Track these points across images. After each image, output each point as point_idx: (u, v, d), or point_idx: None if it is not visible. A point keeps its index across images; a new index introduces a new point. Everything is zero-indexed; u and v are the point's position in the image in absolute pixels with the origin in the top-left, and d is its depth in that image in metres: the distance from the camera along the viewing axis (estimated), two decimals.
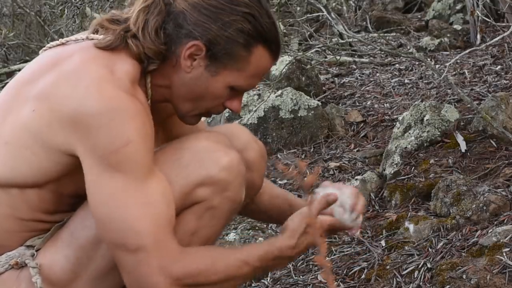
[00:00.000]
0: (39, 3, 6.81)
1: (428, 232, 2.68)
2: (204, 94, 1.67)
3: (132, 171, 1.53)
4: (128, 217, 1.53)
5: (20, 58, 6.73)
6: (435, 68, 3.72)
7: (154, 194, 1.56)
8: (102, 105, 1.53)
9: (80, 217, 1.65)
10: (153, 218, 1.54)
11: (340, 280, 2.58)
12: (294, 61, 4.31)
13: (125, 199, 1.53)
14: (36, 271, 1.63)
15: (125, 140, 1.52)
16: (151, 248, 1.53)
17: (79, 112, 1.54)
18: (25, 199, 1.63)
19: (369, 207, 3.06)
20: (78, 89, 1.56)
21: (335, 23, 4.42)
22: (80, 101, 1.54)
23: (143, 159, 1.55)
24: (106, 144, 1.53)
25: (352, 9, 7.30)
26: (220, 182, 1.64)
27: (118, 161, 1.53)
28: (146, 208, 1.54)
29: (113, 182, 1.53)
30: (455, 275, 2.35)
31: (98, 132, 1.53)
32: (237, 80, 1.67)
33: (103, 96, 1.54)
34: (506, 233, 2.46)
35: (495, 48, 4.63)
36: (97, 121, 1.53)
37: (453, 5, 6.13)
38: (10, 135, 1.62)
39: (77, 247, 1.64)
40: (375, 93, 4.37)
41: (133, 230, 1.53)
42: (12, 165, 1.61)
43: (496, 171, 2.93)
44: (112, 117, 1.53)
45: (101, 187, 1.54)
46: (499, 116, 3.16)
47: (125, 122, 1.53)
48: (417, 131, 3.28)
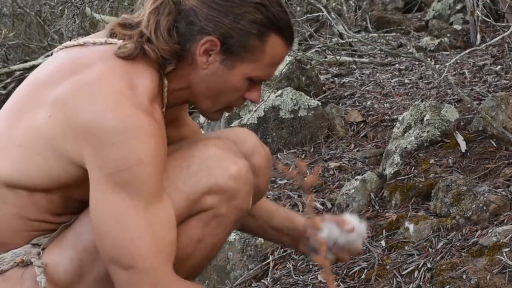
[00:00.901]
0: (39, 3, 6.81)
1: (428, 232, 2.68)
2: (223, 89, 1.67)
3: (138, 192, 1.53)
4: (126, 237, 1.53)
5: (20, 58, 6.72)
6: (435, 68, 3.72)
7: (157, 218, 1.55)
8: (118, 121, 1.52)
9: (86, 220, 1.65)
10: (151, 242, 1.54)
11: (340, 280, 2.58)
12: (294, 61, 4.31)
13: (126, 220, 1.53)
14: (41, 271, 1.63)
15: (136, 160, 1.52)
16: (144, 271, 1.53)
17: (94, 125, 1.53)
18: (32, 201, 1.63)
19: (369, 207, 3.06)
20: (96, 101, 1.55)
21: (335, 23, 4.42)
22: (96, 113, 1.53)
23: (152, 182, 1.54)
24: (117, 162, 1.52)
25: (352, 9, 7.30)
26: (228, 191, 1.64)
27: (126, 180, 1.52)
28: (145, 231, 1.53)
29: (117, 201, 1.53)
30: (455, 275, 2.35)
31: (110, 148, 1.52)
32: (254, 71, 1.66)
33: (120, 112, 1.53)
34: (506, 233, 2.46)
35: (495, 48, 4.63)
36: (110, 137, 1.52)
37: (453, 5, 6.13)
38: (23, 138, 1.62)
39: (81, 249, 1.64)
40: (375, 93, 4.38)
41: (129, 251, 1.53)
42: (22, 168, 1.61)
43: (496, 171, 2.93)
44: (126, 135, 1.52)
45: (104, 204, 1.54)
46: (499, 116, 3.16)
47: (138, 142, 1.52)
48: (417, 131, 3.28)
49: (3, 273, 1.66)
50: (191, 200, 1.63)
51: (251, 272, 2.77)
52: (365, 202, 3.08)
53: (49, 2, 6.68)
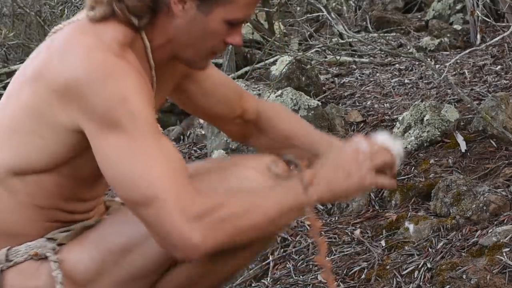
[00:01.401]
0: (39, 3, 6.81)
1: (428, 232, 2.68)
2: (203, 35, 1.66)
3: (132, 125, 1.52)
4: (137, 170, 1.51)
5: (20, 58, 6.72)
6: (435, 68, 3.72)
7: (158, 147, 1.54)
8: (92, 70, 1.53)
9: (114, 222, 1.65)
10: (163, 165, 1.51)
11: (340, 280, 2.58)
12: (294, 61, 4.31)
13: (131, 154, 1.52)
14: (57, 266, 1.62)
15: (120, 97, 1.52)
16: (166, 194, 1.49)
17: (71, 81, 1.54)
18: (41, 186, 1.63)
19: (369, 207, 3.06)
20: (67, 59, 1.56)
21: (335, 23, 4.42)
22: (71, 71, 1.54)
23: (142, 113, 1.54)
24: (103, 105, 1.52)
25: (352, 9, 7.31)
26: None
27: (117, 118, 1.51)
28: (154, 158, 1.51)
29: (116, 140, 1.52)
30: (455, 275, 2.35)
31: (93, 97, 1.52)
32: (231, 13, 1.65)
33: (92, 62, 1.53)
34: (506, 233, 2.46)
35: (495, 48, 4.63)
36: (90, 87, 1.52)
37: (453, 5, 6.13)
38: (16, 122, 1.62)
39: (105, 250, 1.63)
40: (375, 93, 4.38)
41: (145, 182, 1.50)
42: (22, 152, 1.61)
43: (496, 171, 2.93)
44: (103, 79, 1.52)
45: (107, 148, 1.53)
46: (499, 116, 3.16)
47: (117, 81, 1.52)
48: (417, 131, 3.28)
49: (17, 265, 1.65)
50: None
51: (251, 272, 2.77)
52: (365, 202, 3.08)
53: (49, 2, 6.68)
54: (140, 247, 1.63)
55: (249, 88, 4.17)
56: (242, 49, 5.76)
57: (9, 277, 1.65)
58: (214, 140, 4.09)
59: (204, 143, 4.34)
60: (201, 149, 4.34)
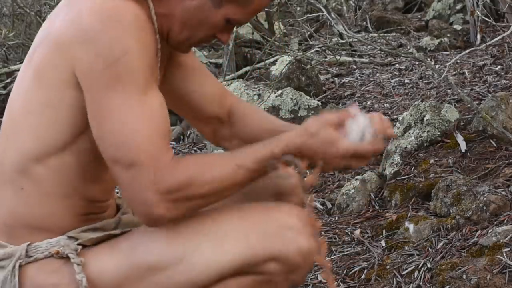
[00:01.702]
0: (39, 3, 6.81)
1: (428, 232, 2.68)
2: (203, 23, 1.67)
3: (130, 83, 1.51)
4: (124, 132, 1.51)
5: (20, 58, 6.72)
6: (435, 68, 3.72)
7: (151, 108, 1.53)
8: (97, 17, 1.51)
9: (146, 237, 1.64)
10: (148, 133, 1.52)
11: (340, 280, 2.58)
12: (294, 61, 4.32)
13: (122, 114, 1.51)
14: (81, 269, 1.61)
15: (122, 50, 1.50)
16: (142, 163, 1.50)
17: (77, 32, 1.52)
18: (63, 170, 1.62)
19: (369, 207, 3.06)
20: (73, 13, 1.55)
21: (335, 23, 4.42)
22: (75, 21, 1.53)
23: (142, 70, 1.53)
24: (103, 58, 1.50)
25: (352, 9, 7.31)
26: (293, 265, 1.63)
27: (116, 74, 1.50)
28: (141, 123, 1.51)
29: (112, 96, 1.51)
30: (455, 275, 2.36)
31: (94, 47, 1.51)
32: (237, 14, 1.67)
33: (97, 9, 1.52)
34: (506, 233, 2.46)
35: (495, 48, 4.63)
36: (93, 35, 1.51)
37: (453, 5, 6.14)
38: (28, 100, 1.62)
39: (133, 264, 1.62)
40: (375, 93, 4.38)
41: (127, 145, 1.51)
42: (40, 132, 1.61)
43: (496, 171, 2.93)
44: (107, 27, 1.50)
45: (100, 102, 1.52)
46: (499, 116, 3.16)
47: (121, 31, 1.50)
48: (417, 131, 3.28)
49: (37, 261, 1.64)
50: (256, 259, 1.62)
51: None
52: (365, 202, 3.08)
53: (49, 2, 6.68)
54: (168, 270, 1.62)
55: (249, 88, 4.17)
56: (242, 49, 5.76)
57: (29, 273, 1.64)
58: None
59: (204, 143, 4.34)
60: (201, 149, 4.34)
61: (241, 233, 1.62)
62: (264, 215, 1.66)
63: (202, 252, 1.61)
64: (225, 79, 5.14)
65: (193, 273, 1.61)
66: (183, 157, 1.58)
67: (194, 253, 1.61)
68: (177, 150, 4.40)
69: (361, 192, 3.10)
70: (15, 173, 1.64)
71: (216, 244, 1.61)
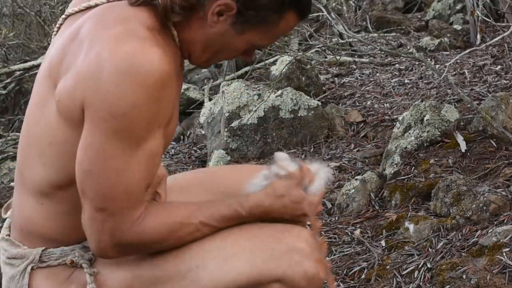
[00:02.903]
0: (39, 3, 6.81)
1: (428, 232, 2.68)
2: (224, 49, 1.67)
3: (129, 137, 1.50)
4: (105, 179, 1.51)
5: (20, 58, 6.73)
6: (435, 68, 3.72)
7: (141, 161, 1.52)
8: (113, 63, 1.48)
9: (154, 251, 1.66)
10: (127, 187, 1.52)
11: (340, 280, 2.58)
12: (294, 61, 4.31)
13: (109, 162, 1.51)
14: (93, 279, 1.63)
15: (131, 104, 1.48)
16: (112, 213, 1.52)
17: (92, 77, 1.49)
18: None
19: (369, 207, 3.06)
20: (94, 52, 1.51)
21: (335, 23, 4.42)
22: (92, 66, 1.50)
23: (144, 126, 1.51)
24: (111, 106, 1.48)
25: (352, 9, 7.31)
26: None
27: (118, 127, 1.49)
28: (122, 178, 1.52)
29: (106, 142, 1.50)
30: (455, 275, 2.36)
31: (105, 95, 1.48)
32: (261, 40, 1.67)
33: (115, 53, 1.48)
34: (506, 233, 2.46)
35: (495, 48, 4.63)
36: (106, 86, 1.48)
37: (453, 5, 6.14)
38: (49, 132, 1.61)
39: (137, 277, 1.64)
40: (375, 93, 4.38)
41: (104, 192, 1.52)
42: (61, 166, 1.61)
43: (496, 171, 2.93)
44: (121, 79, 1.47)
45: (92, 145, 1.51)
46: (499, 116, 3.16)
47: (135, 84, 1.47)
48: (417, 131, 3.28)
49: (50, 268, 1.65)
50: (260, 279, 1.62)
51: None
52: (365, 202, 3.08)
53: (49, 2, 6.68)
54: (172, 283, 1.63)
55: (249, 88, 4.17)
56: None
57: (38, 277, 1.65)
58: (214, 140, 4.09)
59: (204, 143, 4.34)
60: (201, 149, 4.34)
61: (248, 252, 1.63)
62: (272, 237, 1.66)
63: (208, 268, 1.61)
64: (225, 79, 5.14)
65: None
66: (153, 214, 1.58)
67: (199, 269, 1.62)
68: (177, 150, 4.41)
69: (361, 192, 3.10)
70: (36, 191, 1.65)
71: (222, 262, 1.62)
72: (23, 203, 1.68)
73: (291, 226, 1.71)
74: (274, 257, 1.62)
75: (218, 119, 4.14)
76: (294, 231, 1.68)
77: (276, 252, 1.63)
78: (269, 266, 1.61)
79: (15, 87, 6.60)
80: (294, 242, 1.65)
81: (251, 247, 1.63)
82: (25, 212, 1.67)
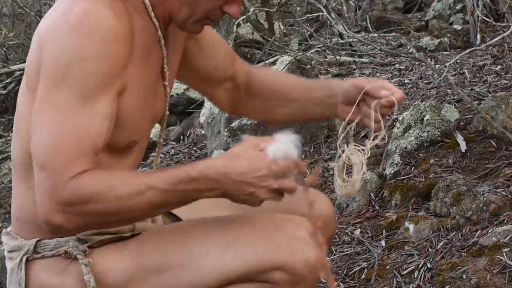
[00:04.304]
0: (39, 3, 6.82)
1: (428, 232, 2.68)
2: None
3: (73, 88, 1.50)
4: (47, 133, 1.50)
5: (20, 58, 6.73)
6: (435, 68, 3.72)
7: (85, 118, 1.51)
8: (66, 22, 1.52)
9: (155, 240, 1.65)
10: (67, 141, 1.50)
11: (340, 280, 2.59)
12: (294, 61, 4.31)
13: (52, 115, 1.51)
14: (89, 270, 1.61)
15: (78, 57, 1.49)
16: (50, 169, 1.49)
17: (48, 34, 1.54)
18: None
19: (369, 207, 3.06)
20: (52, 16, 1.57)
21: (335, 23, 4.42)
22: (50, 25, 1.55)
23: (91, 81, 1.51)
24: (57, 58, 1.51)
25: (352, 9, 7.31)
26: (298, 276, 1.63)
27: (64, 76, 1.50)
28: (65, 129, 1.50)
29: (51, 96, 1.51)
30: (455, 275, 2.36)
31: (55, 48, 1.51)
32: None
33: (70, 13, 1.52)
34: (506, 233, 2.46)
35: (495, 48, 4.63)
36: (57, 37, 1.51)
37: (453, 5, 6.14)
38: (23, 107, 1.63)
39: (140, 265, 1.63)
40: None
41: (44, 147, 1.50)
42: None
43: (496, 171, 2.93)
44: (71, 32, 1.51)
45: (41, 100, 1.52)
46: (499, 116, 3.16)
47: (84, 39, 1.50)
48: (417, 131, 3.28)
49: (44, 259, 1.65)
50: (262, 267, 1.62)
51: None
52: (365, 202, 3.08)
53: (49, 2, 6.68)
54: (174, 271, 1.63)
55: None
56: (242, 49, 5.76)
57: (35, 268, 1.65)
58: (214, 140, 4.09)
59: (204, 143, 4.35)
60: (201, 149, 4.34)
61: (249, 240, 1.63)
62: (273, 225, 1.66)
63: (210, 256, 1.61)
64: None
65: (199, 276, 1.62)
66: (93, 172, 1.52)
67: (202, 256, 1.62)
68: (177, 150, 4.41)
69: (361, 192, 3.10)
70: (22, 172, 1.65)
71: (223, 249, 1.62)
72: (17, 192, 1.69)
73: (292, 216, 1.71)
74: (275, 245, 1.62)
75: (218, 119, 4.14)
76: (295, 220, 1.68)
77: (277, 240, 1.63)
78: (270, 254, 1.62)
79: (15, 87, 6.60)
80: (294, 230, 1.65)
81: (253, 235, 1.63)
82: (18, 201, 1.68)
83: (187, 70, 1.90)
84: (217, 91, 1.97)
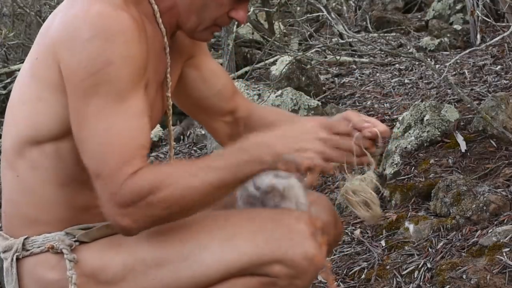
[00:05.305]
0: (39, 3, 6.81)
1: (428, 232, 2.68)
2: (207, 2, 1.66)
3: (108, 93, 1.51)
4: (94, 142, 1.52)
5: (20, 58, 6.73)
6: (435, 68, 3.72)
7: (125, 118, 1.53)
8: (87, 24, 1.52)
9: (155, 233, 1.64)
10: (114, 145, 1.51)
11: (340, 280, 2.59)
12: (294, 61, 4.32)
13: (93, 124, 1.52)
14: (72, 265, 1.62)
15: (106, 61, 1.50)
16: (105, 176, 1.51)
17: (68, 38, 1.54)
18: (59, 156, 1.63)
19: None
20: (69, 16, 1.56)
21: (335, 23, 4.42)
22: (69, 26, 1.54)
23: (123, 80, 1.53)
24: (86, 67, 1.51)
25: (352, 9, 7.31)
26: (298, 269, 1.63)
27: (96, 83, 1.51)
28: (110, 134, 1.51)
29: (88, 104, 1.52)
30: (455, 275, 2.36)
31: (80, 54, 1.52)
32: None
33: (90, 17, 1.52)
34: (506, 233, 2.46)
35: (495, 48, 4.63)
36: (80, 44, 1.52)
37: (453, 5, 6.14)
38: (23, 94, 1.64)
39: (139, 259, 1.63)
40: (375, 93, 4.38)
41: (95, 156, 1.52)
42: (35, 120, 1.62)
43: (496, 171, 2.93)
44: (94, 37, 1.51)
45: (78, 108, 1.53)
46: (499, 116, 3.16)
47: (107, 42, 1.51)
48: (417, 131, 3.28)
49: (35, 256, 1.66)
50: (262, 260, 1.63)
51: None
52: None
53: (49, 2, 6.68)
54: (174, 265, 1.63)
55: (249, 88, 4.17)
56: (242, 49, 5.76)
57: (27, 266, 1.66)
58: (214, 140, 4.09)
59: (204, 143, 4.34)
60: (201, 149, 4.34)
61: (249, 234, 1.63)
62: (273, 219, 1.67)
63: (210, 248, 1.62)
64: None
65: (199, 270, 1.62)
66: (146, 168, 1.52)
67: (202, 249, 1.62)
68: (177, 150, 4.41)
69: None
70: (12, 161, 1.66)
71: (224, 242, 1.62)
72: (4, 183, 1.69)
73: (291, 210, 1.72)
74: (275, 238, 1.63)
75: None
76: (294, 213, 1.69)
77: (276, 233, 1.63)
78: (270, 247, 1.62)
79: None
80: (293, 224, 1.65)
81: (252, 228, 1.63)
82: (6, 194, 1.69)
83: (186, 97, 1.92)
84: (215, 122, 1.99)
